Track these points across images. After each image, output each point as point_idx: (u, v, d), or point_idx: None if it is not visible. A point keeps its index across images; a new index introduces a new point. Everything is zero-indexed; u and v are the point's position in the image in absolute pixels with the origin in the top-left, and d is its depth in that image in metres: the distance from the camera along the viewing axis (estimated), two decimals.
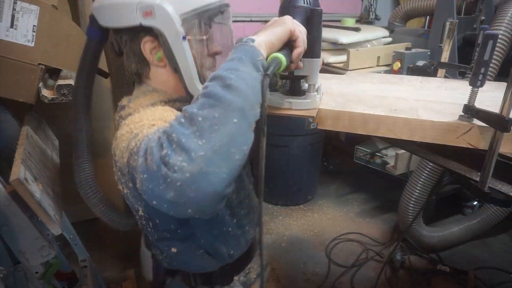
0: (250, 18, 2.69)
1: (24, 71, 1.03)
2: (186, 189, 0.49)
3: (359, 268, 2.03)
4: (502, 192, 0.73)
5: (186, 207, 0.52)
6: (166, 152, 0.51)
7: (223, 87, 0.54)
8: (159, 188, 0.51)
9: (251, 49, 0.61)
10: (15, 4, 1.00)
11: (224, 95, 0.53)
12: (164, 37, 0.74)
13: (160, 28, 0.73)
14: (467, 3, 2.02)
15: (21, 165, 0.82)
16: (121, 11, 0.74)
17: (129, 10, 0.72)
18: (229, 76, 0.55)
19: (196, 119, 0.52)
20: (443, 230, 2.12)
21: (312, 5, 0.75)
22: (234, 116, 0.52)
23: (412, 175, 2.03)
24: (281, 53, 0.65)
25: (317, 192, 2.77)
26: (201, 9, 0.76)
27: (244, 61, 0.58)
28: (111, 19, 0.77)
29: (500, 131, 0.68)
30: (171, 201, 0.51)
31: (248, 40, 0.63)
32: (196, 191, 0.49)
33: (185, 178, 0.49)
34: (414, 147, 0.93)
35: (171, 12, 0.72)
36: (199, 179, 0.49)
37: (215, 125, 0.51)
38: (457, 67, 1.37)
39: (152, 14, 0.72)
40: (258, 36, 0.64)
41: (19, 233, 0.81)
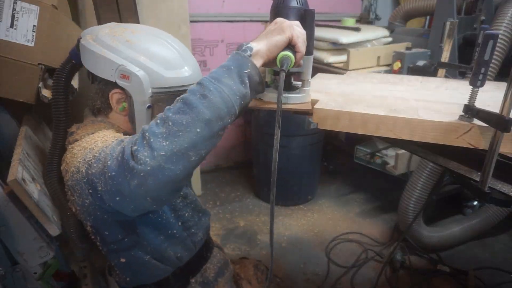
0: (250, 18, 2.69)
1: (23, 71, 1.03)
2: (147, 178, 0.59)
3: (359, 268, 2.03)
4: (502, 192, 0.73)
5: (146, 196, 0.61)
6: (136, 147, 0.60)
7: (200, 96, 0.62)
8: (125, 179, 0.60)
9: (242, 60, 0.67)
10: (15, 4, 0.99)
11: (196, 105, 0.61)
12: (132, 100, 0.83)
13: (130, 92, 0.82)
14: (467, 3, 2.02)
15: (18, 165, 0.82)
16: (103, 64, 0.81)
17: (110, 67, 0.80)
18: (209, 87, 0.63)
19: (168, 122, 0.61)
20: (443, 230, 2.12)
21: (305, 5, 0.79)
22: (198, 126, 0.61)
23: (412, 175, 2.03)
24: (290, 51, 0.71)
25: (317, 192, 2.77)
26: (175, 89, 0.84)
27: (231, 72, 0.66)
28: (91, 65, 0.84)
29: (501, 131, 0.68)
30: (134, 190, 0.60)
31: (246, 49, 0.69)
32: (154, 182, 0.59)
33: (147, 170, 0.59)
34: (414, 147, 0.93)
35: (145, 85, 0.79)
36: (158, 172, 0.59)
37: (180, 131, 0.60)
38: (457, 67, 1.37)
39: (128, 78, 0.79)
40: (258, 43, 0.71)
41: (17, 234, 0.80)
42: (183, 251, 0.97)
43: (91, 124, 0.87)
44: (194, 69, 0.88)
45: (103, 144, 0.74)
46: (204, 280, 1.03)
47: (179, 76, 0.84)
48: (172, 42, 0.87)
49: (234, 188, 2.87)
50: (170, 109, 0.63)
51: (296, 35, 0.71)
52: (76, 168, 0.75)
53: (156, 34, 0.87)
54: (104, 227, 0.84)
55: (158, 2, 2.14)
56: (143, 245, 0.89)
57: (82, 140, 0.82)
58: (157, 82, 0.81)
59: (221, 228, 2.38)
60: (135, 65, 0.79)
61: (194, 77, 0.86)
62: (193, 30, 2.47)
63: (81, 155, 0.76)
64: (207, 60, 2.64)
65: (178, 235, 0.95)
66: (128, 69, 0.78)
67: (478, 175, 0.77)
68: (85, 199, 0.76)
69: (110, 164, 0.64)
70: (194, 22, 2.47)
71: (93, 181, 0.69)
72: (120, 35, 0.82)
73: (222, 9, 2.59)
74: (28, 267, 0.85)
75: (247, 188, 2.86)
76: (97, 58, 0.81)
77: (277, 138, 0.65)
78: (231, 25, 2.65)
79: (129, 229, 0.87)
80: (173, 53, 0.85)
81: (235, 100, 0.65)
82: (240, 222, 2.45)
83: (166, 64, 0.82)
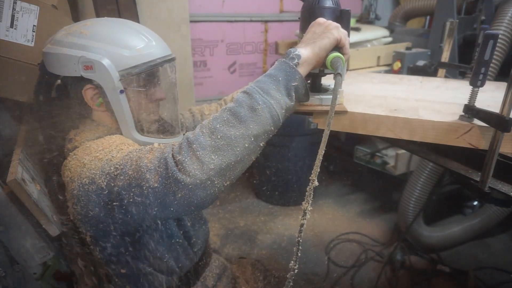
0: (250, 18, 2.69)
1: (23, 71, 1.03)
2: (195, 190, 0.60)
3: (359, 268, 2.03)
4: (503, 192, 0.73)
5: (191, 205, 0.62)
6: (183, 158, 0.60)
7: (249, 109, 0.62)
8: (170, 191, 0.61)
9: (290, 72, 0.66)
10: (15, 4, 0.99)
11: (245, 120, 0.61)
12: (103, 90, 0.81)
13: (99, 82, 0.80)
14: (467, 3, 2.02)
15: (18, 165, 0.82)
16: (65, 62, 0.79)
17: (72, 62, 0.78)
18: (258, 100, 0.62)
19: (216, 135, 0.61)
20: (443, 230, 2.12)
21: (339, 5, 0.76)
22: (247, 141, 0.61)
23: (412, 175, 2.03)
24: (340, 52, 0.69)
25: (317, 192, 2.76)
26: (141, 66, 0.81)
27: (279, 84, 0.65)
28: (55, 67, 0.83)
29: (501, 131, 0.67)
30: (180, 201, 0.61)
31: (294, 57, 0.67)
32: (202, 193, 0.61)
33: (196, 183, 0.59)
34: (414, 147, 0.92)
35: (110, 69, 0.78)
36: (207, 185, 0.60)
37: (229, 146, 0.60)
38: (458, 67, 1.37)
39: (92, 68, 0.78)
40: (306, 48, 0.69)
41: (16, 234, 0.80)
42: (184, 261, 0.96)
43: (87, 129, 0.85)
44: (159, 43, 0.85)
45: (121, 154, 0.72)
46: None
47: (143, 53, 0.81)
48: (129, 23, 0.86)
49: (234, 188, 2.86)
50: (217, 119, 0.62)
51: (344, 37, 0.70)
52: (89, 179, 0.71)
53: (112, 20, 0.87)
54: (105, 239, 0.82)
55: (158, 2, 2.14)
56: (145, 256, 0.88)
57: (85, 147, 0.78)
58: (121, 64, 0.79)
59: (221, 228, 2.37)
60: (94, 53, 0.77)
61: (160, 51, 0.84)
62: (193, 30, 2.46)
63: (96, 166, 0.72)
64: (207, 60, 2.64)
65: (180, 244, 0.94)
66: (88, 58, 0.77)
67: (478, 175, 0.77)
68: (90, 210, 0.73)
69: (149, 177, 0.63)
70: (194, 22, 2.47)
71: (120, 193, 0.67)
72: (74, 30, 0.81)
73: (222, 9, 2.59)
74: (28, 267, 0.85)
75: (247, 188, 2.86)
76: (58, 58, 0.80)
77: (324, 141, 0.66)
78: (231, 25, 2.65)
79: (132, 241, 0.84)
80: (132, 33, 0.83)
81: (281, 113, 0.65)
82: (240, 222, 2.45)
83: (126, 44, 0.80)
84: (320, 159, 0.65)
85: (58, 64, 0.81)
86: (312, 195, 0.65)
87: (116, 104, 0.82)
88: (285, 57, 0.68)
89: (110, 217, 0.73)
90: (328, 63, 0.69)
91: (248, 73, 2.83)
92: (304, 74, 0.68)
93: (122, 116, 0.83)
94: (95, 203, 0.71)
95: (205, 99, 2.66)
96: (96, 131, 0.84)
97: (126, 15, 1.45)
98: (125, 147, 0.76)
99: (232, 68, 2.78)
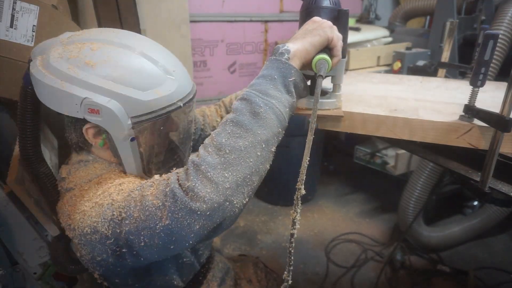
0: (250, 18, 2.69)
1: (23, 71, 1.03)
2: (214, 215, 0.54)
3: (359, 268, 2.03)
4: (503, 192, 0.73)
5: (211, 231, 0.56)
6: (192, 184, 0.54)
7: (252, 115, 0.57)
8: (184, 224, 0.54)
9: (284, 67, 0.62)
10: (15, 4, 0.99)
11: (251, 126, 0.56)
12: (110, 136, 0.68)
13: (105, 128, 0.67)
14: (467, 3, 2.02)
15: (18, 165, 0.82)
16: (63, 100, 0.65)
17: (73, 103, 0.64)
18: (258, 104, 0.57)
19: (224, 150, 0.55)
20: (443, 230, 2.12)
21: (338, 5, 0.74)
22: (258, 149, 0.56)
23: (412, 175, 2.03)
24: (327, 54, 0.66)
25: (317, 192, 2.76)
26: (158, 112, 0.68)
27: (276, 82, 0.60)
28: (51, 102, 0.67)
29: (501, 131, 0.67)
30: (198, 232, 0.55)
31: (284, 51, 0.63)
32: (222, 216, 0.55)
33: (214, 208, 0.53)
34: (414, 147, 0.92)
35: (120, 115, 0.64)
36: (225, 207, 0.54)
37: (240, 158, 0.55)
38: (458, 67, 1.37)
39: (99, 113, 0.64)
40: (295, 43, 0.64)
41: (16, 234, 0.80)
42: (188, 275, 0.93)
43: (83, 168, 0.74)
44: (181, 78, 0.72)
45: (122, 196, 0.63)
46: None
47: (162, 96, 0.68)
48: (144, 49, 0.69)
49: None
50: (221, 134, 0.57)
51: (337, 37, 0.66)
52: (91, 228, 0.62)
53: (123, 43, 0.69)
54: (115, 277, 0.77)
55: (158, 2, 2.14)
56: (153, 284, 0.83)
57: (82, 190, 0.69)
58: (135, 109, 0.66)
59: None
60: (102, 95, 0.63)
61: (181, 89, 0.72)
62: (193, 30, 2.46)
63: (97, 213, 0.63)
64: (207, 60, 2.64)
65: (188, 261, 0.90)
66: (95, 101, 0.63)
67: (478, 175, 0.77)
68: (96, 256, 0.65)
69: (158, 216, 0.56)
70: (194, 22, 2.47)
71: (128, 239, 0.60)
72: (77, 55, 0.65)
73: (222, 9, 2.59)
74: (28, 267, 0.85)
75: None
76: (55, 93, 0.64)
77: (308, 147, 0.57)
78: (231, 25, 2.65)
79: (143, 275, 0.80)
80: (149, 65, 0.68)
81: (286, 112, 0.61)
82: (240, 222, 2.45)
83: (141, 84, 0.66)
84: (305, 166, 0.59)
85: (55, 99, 0.66)
86: (300, 204, 0.60)
87: (124, 151, 0.70)
88: (274, 54, 0.64)
89: (120, 261, 0.65)
90: (313, 64, 0.65)
91: (248, 73, 2.83)
92: (298, 68, 0.64)
93: (129, 162, 0.72)
94: (101, 251, 0.64)
95: (205, 99, 2.66)
96: (93, 170, 0.73)
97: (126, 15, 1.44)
98: (125, 186, 0.66)
99: (232, 68, 2.78)
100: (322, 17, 0.69)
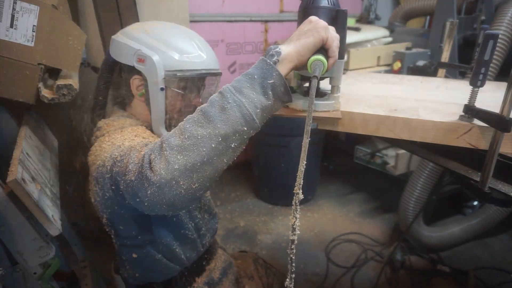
0: (250, 18, 2.69)
1: (23, 71, 1.03)
2: (162, 189, 0.59)
3: (359, 269, 2.03)
4: (503, 192, 0.73)
5: (162, 204, 0.62)
6: (153, 157, 0.61)
7: (219, 109, 0.61)
8: (143, 186, 0.61)
9: (268, 69, 0.63)
10: (15, 4, 0.99)
11: (214, 119, 0.60)
12: (147, 82, 0.88)
13: (145, 75, 0.87)
14: (467, 3, 2.02)
15: (18, 165, 0.82)
16: (124, 51, 0.89)
17: (129, 53, 0.87)
18: (228, 99, 0.61)
19: (184, 135, 0.60)
20: (443, 230, 2.12)
21: (336, 5, 0.72)
22: (213, 142, 0.59)
23: (412, 175, 2.03)
24: (322, 56, 0.65)
25: (317, 192, 2.77)
26: (185, 72, 0.88)
27: (254, 82, 0.62)
28: (116, 53, 0.92)
29: (501, 131, 0.67)
30: (150, 197, 0.61)
31: (274, 53, 0.64)
32: (170, 193, 0.60)
33: (162, 183, 0.59)
34: (414, 147, 0.92)
35: (158, 66, 0.85)
36: (172, 185, 0.59)
37: (195, 146, 0.59)
38: (458, 67, 1.37)
39: (144, 61, 0.86)
40: (289, 45, 0.66)
41: (17, 234, 0.80)
42: (191, 252, 1.00)
43: (117, 120, 0.92)
44: (209, 56, 0.91)
45: (130, 144, 0.76)
46: (209, 280, 1.04)
47: (191, 61, 0.88)
48: (189, 32, 0.94)
49: (234, 188, 2.87)
50: (189, 120, 0.62)
51: (331, 38, 0.66)
52: (102, 161, 0.77)
53: (176, 27, 0.95)
54: (120, 222, 0.88)
55: (158, 2, 2.14)
56: (156, 243, 0.92)
57: (110, 135, 0.85)
58: (169, 65, 0.86)
59: (221, 228, 2.37)
60: (150, 50, 0.85)
61: (207, 63, 0.90)
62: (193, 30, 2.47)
63: (109, 150, 0.78)
64: None
65: (190, 235, 0.97)
66: (143, 52, 0.85)
67: (478, 175, 0.77)
68: (106, 192, 0.78)
69: (131, 168, 0.65)
70: (194, 22, 2.47)
71: (116, 179, 0.71)
72: (142, 27, 0.91)
73: (222, 9, 2.59)
74: (28, 267, 0.85)
75: (247, 188, 2.86)
76: (120, 46, 0.89)
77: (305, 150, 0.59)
78: (231, 25, 2.65)
79: (144, 227, 0.89)
80: (187, 40, 0.90)
81: (256, 113, 0.62)
82: (240, 222, 2.45)
83: (178, 48, 0.87)
84: (302, 170, 0.59)
85: (119, 51, 0.90)
86: (298, 210, 0.60)
87: (154, 99, 0.88)
88: (265, 54, 0.65)
89: (117, 200, 0.77)
90: (309, 66, 0.65)
91: None
92: (284, 72, 0.64)
93: (156, 110, 0.89)
94: (106, 185, 0.76)
95: None
96: (123, 121, 0.91)
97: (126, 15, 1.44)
98: (137, 138, 0.81)
99: (232, 68, 2.78)
100: (319, 17, 0.68)
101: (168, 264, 0.95)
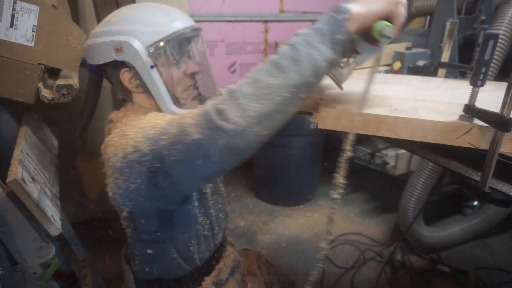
0: (250, 18, 2.69)
1: (23, 71, 1.03)
2: (236, 137, 0.61)
3: (359, 269, 2.03)
4: (503, 192, 0.73)
5: (233, 152, 0.63)
6: (225, 107, 0.61)
7: (292, 61, 0.62)
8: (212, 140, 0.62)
9: (337, 25, 0.64)
10: (15, 4, 0.99)
11: (287, 70, 0.62)
12: (135, 69, 0.84)
13: (130, 61, 0.83)
14: (467, 3, 2.02)
15: (18, 165, 0.82)
16: (99, 50, 0.85)
17: (104, 49, 0.84)
18: (301, 52, 0.62)
19: (258, 84, 0.62)
20: (443, 230, 2.12)
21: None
22: (287, 92, 0.62)
23: (412, 175, 2.03)
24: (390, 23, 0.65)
25: (317, 192, 2.76)
26: (166, 39, 0.84)
27: (324, 36, 0.64)
28: (93, 58, 0.88)
29: (501, 131, 0.67)
30: (221, 148, 0.62)
31: (343, 10, 0.64)
32: (243, 141, 0.62)
33: (237, 130, 0.60)
34: (414, 147, 0.92)
35: (137, 46, 0.81)
36: (247, 132, 0.61)
37: (269, 95, 0.61)
38: (458, 67, 1.37)
39: (122, 50, 0.82)
40: (357, 6, 0.65)
41: (16, 234, 0.80)
42: (204, 251, 0.98)
43: (132, 109, 0.88)
44: (181, 16, 0.89)
45: (164, 121, 0.73)
46: (217, 281, 1.03)
47: (165, 27, 0.84)
48: (150, 4, 0.90)
49: (234, 188, 2.87)
50: (259, 70, 0.63)
51: (399, 15, 0.67)
52: (133, 148, 0.71)
53: (137, 5, 0.91)
54: (142, 216, 0.84)
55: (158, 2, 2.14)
56: (174, 241, 0.90)
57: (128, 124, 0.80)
58: (147, 40, 0.82)
59: None
60: (122, 35, 0.82)
61: (182, 22, 0.87)
62: None
63: (140, 135, 0.72)
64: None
65: (205, 234, 0.96)
66: (116, 40, 0.81)
67: (478, 175, 0.77)
68: (131, 183, 0.73)
69: (192, 131, 0.64)
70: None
71: (162, 153, 0.67)
72: (104, 20, 0.87)
73: (222, 9, 2.59)
74: (28, 267, 0.85)
75: (247, 188, 2.86)
76: (93, 48, 0.86)
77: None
78: (231, 25, 2.65)
79: (166, 222, 0.87)
80: (152, 11, 0.87)
81: (325, 66, 0.64)
82: (240, 222, 2.45)
83: (148, 22, 0.84)
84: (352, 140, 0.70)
85: (94, 54, 0.87)
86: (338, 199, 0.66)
87: (149, 81, 0.85)
88: (333, 11, 0.65)
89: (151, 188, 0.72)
90: (376, 29, 0.66)
91: None
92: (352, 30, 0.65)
93: (157, 91, 0.85)
94: (137, 174, 0.71)
95: None
96: (137, 112, 0.87)
97: None
98: (168, 116, 0.77)
99: (232, 68, 2.78)
100: None
101: (181, 264, 0.93)
